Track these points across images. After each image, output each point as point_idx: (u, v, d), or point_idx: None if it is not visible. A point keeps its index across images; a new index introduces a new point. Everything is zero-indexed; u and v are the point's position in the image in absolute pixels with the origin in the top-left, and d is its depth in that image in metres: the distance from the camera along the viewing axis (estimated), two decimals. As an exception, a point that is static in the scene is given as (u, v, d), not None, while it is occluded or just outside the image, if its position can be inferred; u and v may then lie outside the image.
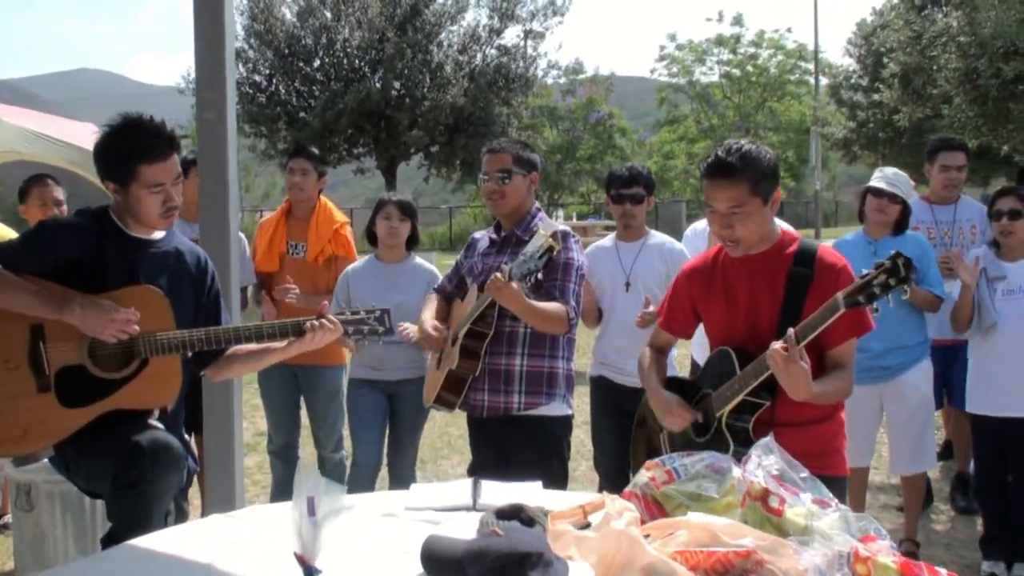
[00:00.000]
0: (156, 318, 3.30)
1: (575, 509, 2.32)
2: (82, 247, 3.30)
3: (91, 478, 3.33)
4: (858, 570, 2.09)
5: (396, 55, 25.54)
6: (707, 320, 3.64)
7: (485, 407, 4.33)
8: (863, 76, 31.72)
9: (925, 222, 6.10)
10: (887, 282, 2.92)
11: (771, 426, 3.21)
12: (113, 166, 3.36)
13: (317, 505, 1.82)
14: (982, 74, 8.97)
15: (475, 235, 4.74)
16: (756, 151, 3.31)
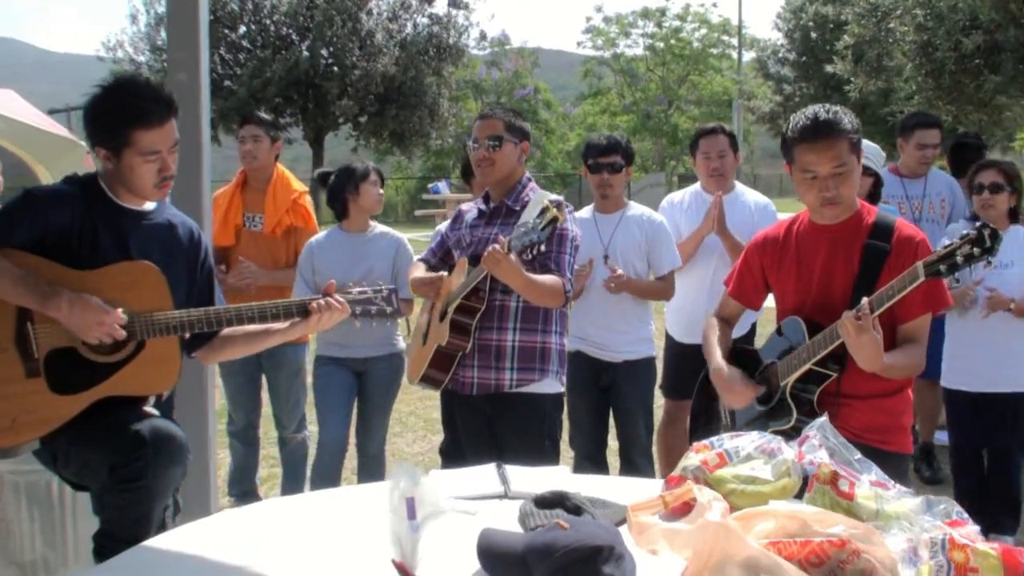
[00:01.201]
0: (152, 297, 3.05)
1: (655, 500, 2.17)
2: (71, 218, 3.03)
3: (83, 470, 3.06)
4: (955, 557, 1.98)
5: (325, 22, 24.96)
6: (777, 290, 3.55)
7: (475, 384, 4.14)
8: (791, 50, 32.02)
9: (896, 196, 6.10)
10: (971, 252, 2.82)
11: (838, 397, 3.19)
12: (105, 131, 3.09)
13: (417, 507, 1.62)
14: (939, 47, 8.99)
15: (462, 207, 4.54)
16: (844, 111, 3.24)
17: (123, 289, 3.02)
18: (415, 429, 7.78)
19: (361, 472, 5.51)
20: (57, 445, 3.02)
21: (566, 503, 2.49)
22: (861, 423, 3.14)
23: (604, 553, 2.07)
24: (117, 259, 3.07)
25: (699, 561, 1.83)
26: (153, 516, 2.92)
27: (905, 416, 3.42)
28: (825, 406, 3.20)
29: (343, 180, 5.26)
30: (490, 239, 4.04)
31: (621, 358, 5.09)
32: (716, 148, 5.43)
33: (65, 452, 3.04)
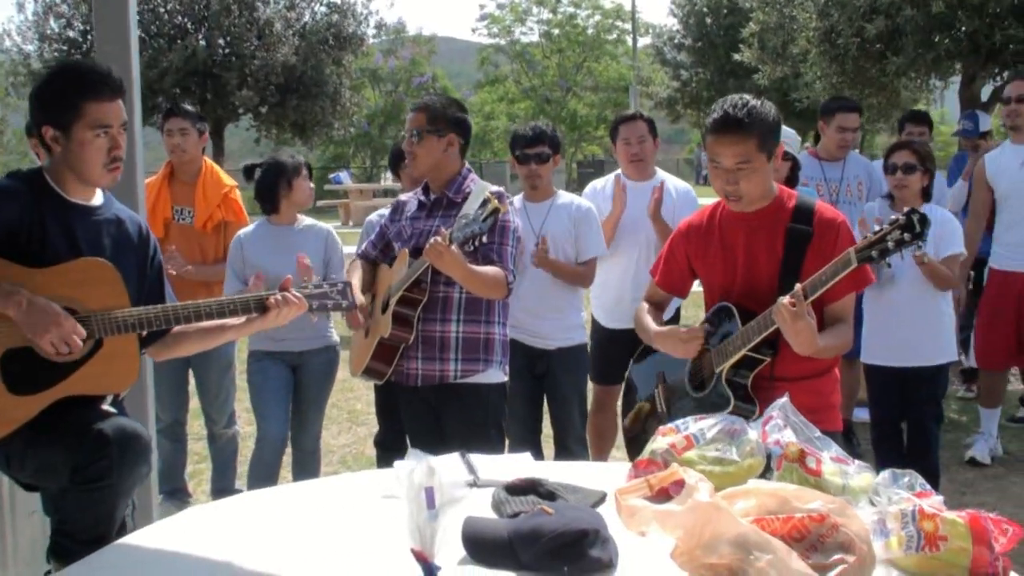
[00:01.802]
0: (108, 294, 2.99)
1: (640, 483, 2.23)
2: (19, 213, 2.95)
3: (41, 472, 2.99)
4: (925, 527, 2.08)
5: (222, 11, 24.56)
6: (704, 277, 3.60)
7: (419, 375, 4.14)
8: (687, 36, 32.52)
9: (815, 178, 6.25)
10: (902, 238, 2.89)
11: (771, 381, 3.26)
12: (53, 106, 3.03)
13: (435, 496, 1.65)
14: (841, 33, 9.24)
15: (401, 197, 4.53)
16: (762, 107, 3.26)
17: (78, 286, 2.96)
18: (339, 421, 7.75)
19: (296, 467, 5.46)
20: (12, 447, 2.95)
21: (539, 489, 2.54)
22: (795, 404, 3.22)
23: (590, 536, 2.14)
24: (67, 256, 3.01)
25: (690, 540, 1.89)
26: (116, 515, 2.89)
27: (834, 395, 3.53)
28: (759, 390, 3.30)
29: (274, 175, 5.16)
30: (432, 231, 4.02)
31: (554, 345, 5.13)
32: (636, 134, 5.51)
33: (21, 454, 2.97)
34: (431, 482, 1.66)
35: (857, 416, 6.57)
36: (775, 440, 2.51)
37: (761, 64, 12.66)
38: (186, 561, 2.32)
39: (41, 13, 26.20)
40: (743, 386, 3.31)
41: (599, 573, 2.11)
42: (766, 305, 3.18)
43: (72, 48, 25.97)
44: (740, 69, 22.32)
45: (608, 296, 5.58)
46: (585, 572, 2.10)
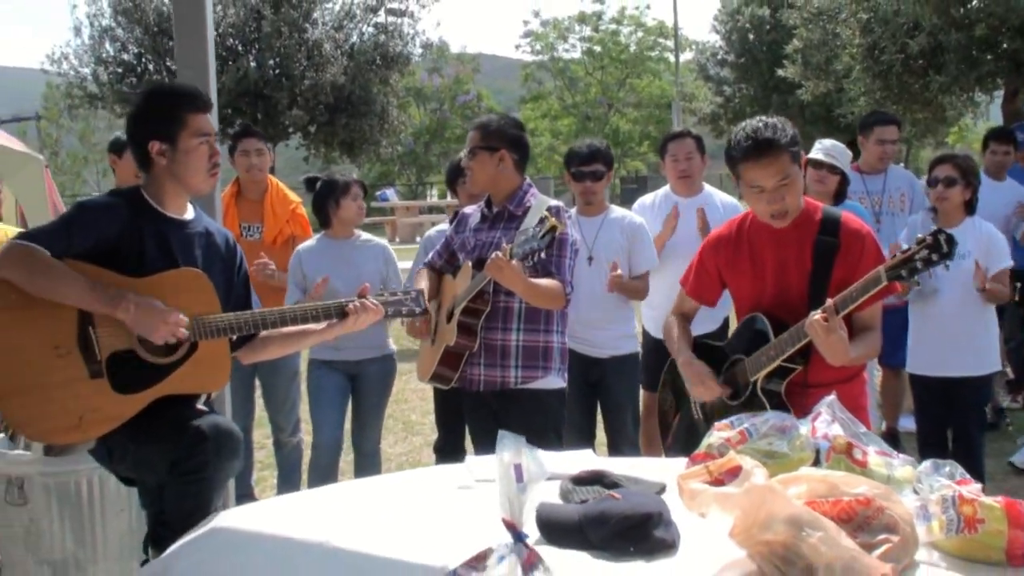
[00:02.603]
0: (202, 301, 3.26)
1: (700, 470, 2.42)
2: (120, 227, 3.22)
3: (140, 465, 3.25)
4: (964, 511, 2.24)
5: (273, 33, 25.03)
6: (733, 287, 3.77)
7: (481, 381, 4.36)
8: (729, 52, 32.62)
9: (857, 192, 6.39)
10: (929, 257, 3.03)
11: (804, 387, 3.40)
12: (159, 120, 3.32)
13: (524, 471, 1.87)
14: (885, 50, 9.36)
15: (465, 210, 4.71)
16: (780, 122, 3.43)
17: (174, 294, 3.22)
18: (395, 431, 7.97)
19: (358, 470, 5.67)
20: (115, 442, 3.20)
21: (604, 480, 2.74)
22: None
23: (655, 519, 2.33)
24: (163, 266, 3.27)
25: (747, 519, 2.08)
26: (211, 506, 3.12)
27: (862, 397, 3.70)
28: (792, 396, 3.45)
29: (325, 193, 5.43)
30: (493, 243, 4.25)
31: (608, 354, 5.31)
32: (684, 151, 5.70)
33: (123, 448, 3.22)
34: (520, 459, 1.88)
35: (903, 425, 6.69)
36: (823, 434, 2.68)
37: (805, 80, 12.79)
38: (283, 543, 2.54)
39: (97, 37, 26.83)
40: (777, 394, 3.47)
41: (663, 553, 2.30)
42: (796, 315, 3.34)
43: (127, 71, 26.56)
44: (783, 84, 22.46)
45: (658, 308, 5.73)
46: (650, 552, 2.29)
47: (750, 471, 2.23)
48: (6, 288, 3.08)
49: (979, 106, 11.56)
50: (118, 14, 26.26)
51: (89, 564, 4.20)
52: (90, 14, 26.80)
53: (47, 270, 3.05)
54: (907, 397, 6.35)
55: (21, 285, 3.07)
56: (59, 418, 3.09)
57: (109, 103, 27.14)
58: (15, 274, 3.07)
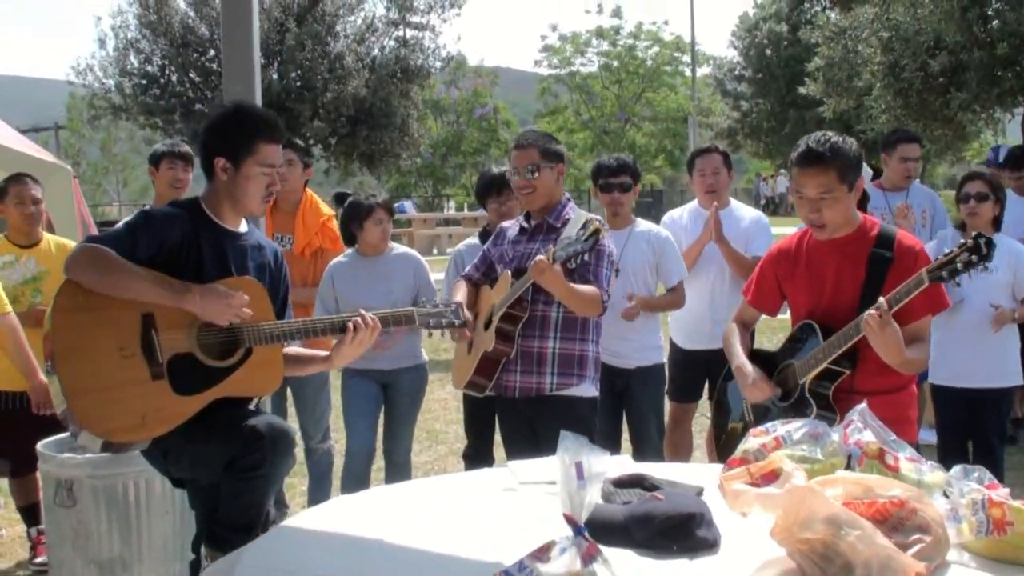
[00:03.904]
0: (258, 309, 3.40)
1: (742, 472, 2.54)
2: (180, 235, 3.37)
3: (197, 464, 3.38)
4: (994, 514, 2.36)
5: (295, 46, 25.30)
6: (791, 298, 3.92)
7: (517, 387, 4.45)
8: (746, 67, 32.76)
9: (880, 208, 6.49)
10: (969, 259, 3.19)
11: (851, 393, 3.51)
12: (231, 140, 3.46)
13: (584, 469, 1.99)
14: (906, 68, 9.48)
15: (503, 224, 4.83)
16: (843, 142, 3.58)
17: None
18: (419, 440, 8.03)
19: (389, 479, 5.75)
20: (171, 442, 3.34)
21: (644, 483, 2.86)
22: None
23: (697, 519, 2.45)
24: (218, 274, 3.41)
25: (788, 518, 2.19)
26: (266, 503, 3.27)
27: (911, 409, 3.81)
28: (839, 402, 3.57)
29: (349, 216, 5.53)
30: (532, 253, 4.35)
31: (634, 364, 5.40)
32: (711, 166, 5.83)
33: (180, 448, 3.36)
34: (580, 457, 2.00)
35: (923, 439, 6.74)
36: (855, 441, 2.79)
37: (826, 97, 12.91)
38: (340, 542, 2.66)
39: (122, 49, 27.09)
40: (825, 396, 3.61)
41: (705, 551, 2.42)
42: (847, 323, 3.49)
43: (151, 83, 26.82)
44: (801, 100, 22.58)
45: (685, 319, 5.86)
46: (693, 550, 2.41)
47: (791, 473, 2.35)
48: (75, 290, 3.23)
49: (999, 123, 11.65)
50: (143, 26, 26.55)
51: (135, 564, 4.34)
52: (115, 26, 27.14)
53: (115, 268, 3.19)
54: (927, 410, 6.43)
55: (91, 285, 3.22)
56: (124, 417, 3.23)
57: (132, 114, 27.42)
58: (85, 274, 3.22)
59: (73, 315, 3.23)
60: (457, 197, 46.43)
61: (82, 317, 3.23)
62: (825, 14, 21.96)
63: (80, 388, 3.19)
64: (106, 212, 38.01)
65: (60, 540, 4.37)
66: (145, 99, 26.56)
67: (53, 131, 40.51)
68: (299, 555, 2.52)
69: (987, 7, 9.25)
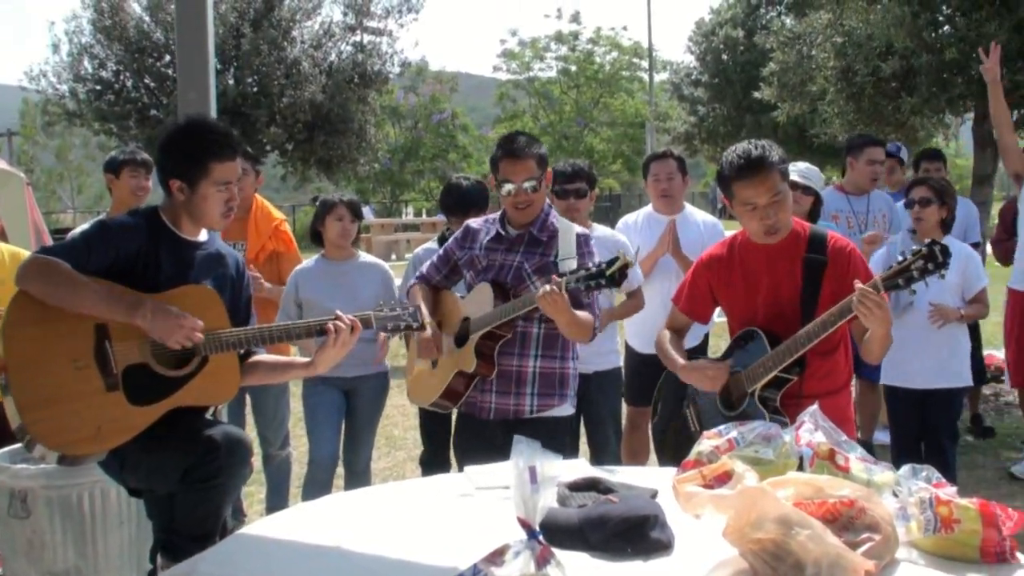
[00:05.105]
0: (213, 317, 3.39)
1: (695, 474, 2.57)
2: (138, 245, 3.35)
3: (154, 474, 3.37)
4: (941, 512, 2.41)
5: (251, 51, 25.12)
6: (726, 304, 3.94)
7: (492, 409, 4.17)
8: (703, 73, 32.93)
9: (843, 211, 6.59)
10: (925, 267, 3.22)
11: (799, 398, 3.55)
12: (184, 163, 3.44)
13: (537, 474, 2.01)
14: (858, 72, 9.61)
15: (471, 224, 4.45)
16: (768, 144, 3.63)
17: (188, 309, 3.34)
18: (378, 446, 7.99)
19: (348, 488, 5.73)
20: (128, 453, 3.32)
21: (599, 486, 2.89)
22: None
23: (651, 521, 2.49)
24: (177, 283, 3.40)
25: (740, 519, 2.22)
26: (222, 512, 3.26)
27: (848, 408, 3.91)
28: (787, 407, 3.60)
29: (317, 211, 5.55)
30: (513, 266, 4.14)
31: (591, 369, 5.36)
32: (665, 171, 5.88)
33: (135, 458, 3.34)
34: (534, 462, 2.02)
35: (877, 439, 6.85)
36: (807, 442, 2.83)
37: (780, 102, 13.05)
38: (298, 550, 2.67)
39: (76, 54, 26.77)
40: (773, 402, 3.64)
41: (659, 552, 2.46)
42: (790, 329, 3.54)
43: (105, 88, 26.53)
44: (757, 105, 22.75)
45: (642, 324, 5.87)
46: (647, 552, 2.45)
47: (742, 475, 2.39)
48: (27, 302, 3.21)
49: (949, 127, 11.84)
50: (97, 31, 26.20)
51: (91, 575, 4.29)
52: (69, 31, 26.75)
53: (67, 280, 3.17)
54: (883, 411, 6.53)
55: (43, 297, 3.19)
56: (78, 429, 3.21)
57: (87, 120, 27.06)
58: (37, 286, 3.20)
59: (24, 328, 3.21)
60: (416, 202, 46.46)
61: (33, 330, 3.21)
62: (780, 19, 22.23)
63: (33, 402, 3.17)
64: (60, 220, 37.55)
65: (14, 552, 4.32)
66: (99, 105, 26.23)
67: (6, 137, 40.01)
68: (256, 563, 2.53)
69: (937, 13, 9.39)
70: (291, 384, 6.13)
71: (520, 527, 2.03)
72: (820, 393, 3.58)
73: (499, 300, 4.06)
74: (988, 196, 9.77)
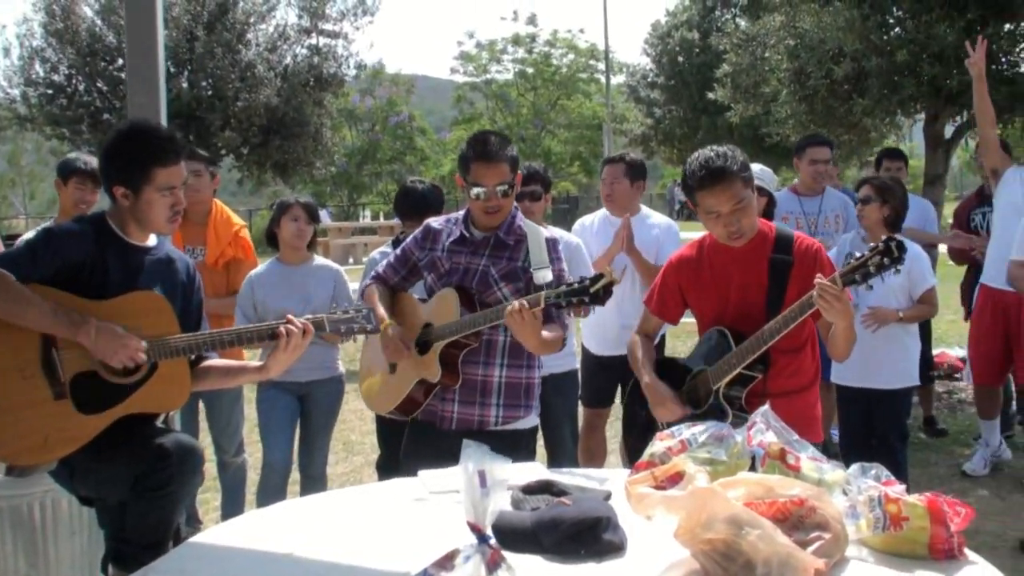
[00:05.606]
0: (162, 323, 3.35)
1: (646, 475, 2.58)
2: (84, 252, 3.31)
3: (104, 483, 3.33)
4: (890, 509, 2.44)
5: (206, 55, 24.95)
6: (696, 305, 3.96)
7: (455, 419, 3.99)
8: (659, 75, 33.16)
9: (794, 212, 6.65)
10: (881, 262, 3.26)
11: (763, 396, 3.57)
12: (126, 169, 3.40)
13: (487, 478, 2.00)
14: (811, 75, 9.70)
15: (432, 223, 4.22)
16: (731, 150, 3.65)
17: (135, 316, 3.31)
18: (335, 451, 7.95)
19: (304, 494, 5.69)
20: (78, 462, 3.28)
21: (552, 489, 2.88)
22: (783, 417, 3.49)
23: (603, 523, 2.49)
24: (125, 290, 3.36)
25: (691, 520, 2.23)
26: (174, 520, 3.23)
27: (816, 407, 3.91)
28: (753, 405, 3.62)
29: (274, 212, 5.53)
30: (478, 269, 3.97)
31: (547, 372, 5.33)
32: (611, 175, 5.96)
33: (86, 468, 3.30)
34: (483, 466, 2.02)
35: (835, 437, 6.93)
36: (759, 442, 2.85)
37: (734, 103, 13.15)
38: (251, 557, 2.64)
39: (27, 58, 26.45)
40: (738, 400, 3.68)
41: (612, 554, 2.46)
42: (756, 328, 3.57)
43: (57, 92, 26.23)
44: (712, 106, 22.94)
45: (597, 325, 5.91)
46: (600, 554, 2.45)
47: (693, 475, 2.40)
48: None
49: (901, 128, 11.99)
50: (49, 35, 25.91)
51: (41, 584, 4.24)
52: (20, 34, 26.44)
53: (12, 294, 3.12)
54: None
55: None
56: (26, 439, 3.17)
57: (38, 125, 26.74)
58: None
59: None
60: (373, 206, 46.26)
61: None
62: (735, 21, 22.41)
63: None
64: (12, 225, 37.10)
65: (-38, 563, 4.26)
66: (51, 109, 25.94)
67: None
68: (207, 570, 2.50)
69: (888, 15, 9.49)
70: (245, 389, 6.10)
71: (470, 531, 2.03)
72: (786, 391, 3.64)
73: (465, 307, 3.88)
74: (940, 196, 9.88)
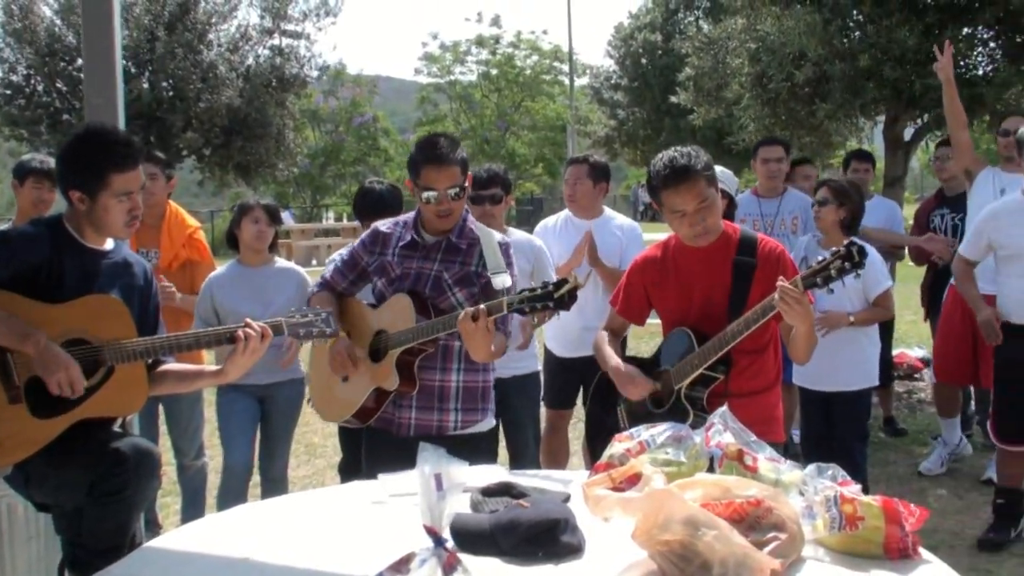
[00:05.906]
0: (118, 327, 3.32)
1: (604, 477, 2.58)
2: (41, 255, 3.28)
3: (60, 489, 3.29)
4: (846, 509, 2.46)
5: (166, 55, 24.73)
6: (660, 306, 3.99)
7: (412, 425, 3.94)
8: (622, 76, 33.22)
9: (751, 214, 6.69)
10: (842, 266, 3.29)
11: (725, 397, 3.58)
12: (82, 174, 3.36)
13: (443, 481, 2.00)
14: (773, 78, 9.76)
15: (380, 227, 4.14)
16: (694, 150, 3.69)
17: (92, 319, 3.28)
18: (296, 454, 7.92)
19: (265, 496, 5.66)
20: (33, 467, 3.24)
21: (512, 491, 2.89)
22: (744, 417, 3.51)
23: (561, 525, 2.49)
24: (81, 293, 3.32)
25: (648, 521, 2.24)
26: (131, 526, 3.20)
27: (777, 409, 3.93)
28: (714, 405, 3.64)
29: (235, 214, 5.49)
30: (430, 274, 3.92)
31: (509, 374, 5.32)
32: (573, 176, 5.95)
33: (42, 473, 3.26)
34: (440, 469, 2.01)
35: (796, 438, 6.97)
36: (717, 443, 2.86)
37: (696, 106, 13.22)
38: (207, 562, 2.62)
39: (-13, 57, 26.15)
40: (700, 400, 3.70)
41: (570, 556, 2.46)
42: (719, 330, 3.59)
43: (16, 93, 25.93)
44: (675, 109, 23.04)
45: (560, 327, 5.88)
46: (558, 556, 2.45)
47: (650, 477, 2.41)
48: None
49: (863, 131, 12.08)
50: (7, 35, 25.55)
51: (-2, 590, 4.18)
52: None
53: None
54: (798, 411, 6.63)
55: None
56: None
57: (-6, 127, 26.47)
58: None
59: None
60: (336, 207, 46.11)
61: None
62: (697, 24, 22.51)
63: None
64: (-30, 227, 36.59)
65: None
66: (10, 110, 25.57)
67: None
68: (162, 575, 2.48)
69: (848, 19, 9.56)
70: (205, 392, 6.05)
71: (426, 534, 2.02)
72: (748, 392, 3.67)
73: (420, 312, 3.82)
74: (899, 197, 9.97)
